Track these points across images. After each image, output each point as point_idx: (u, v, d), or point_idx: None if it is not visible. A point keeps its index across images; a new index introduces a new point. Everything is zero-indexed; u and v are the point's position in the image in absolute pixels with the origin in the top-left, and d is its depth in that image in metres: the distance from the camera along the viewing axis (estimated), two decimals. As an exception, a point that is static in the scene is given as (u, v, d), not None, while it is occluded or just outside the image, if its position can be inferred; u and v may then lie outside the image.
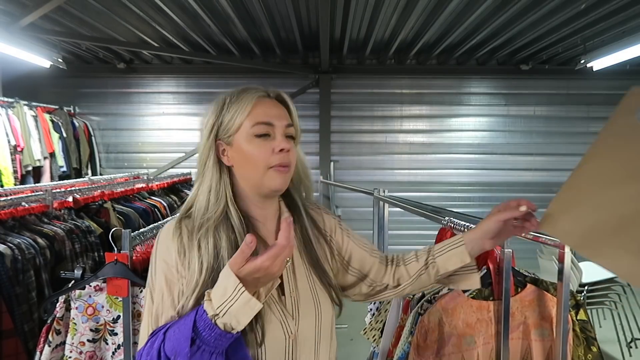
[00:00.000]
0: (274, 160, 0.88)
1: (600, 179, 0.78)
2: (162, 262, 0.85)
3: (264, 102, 0.91)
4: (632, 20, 3.84)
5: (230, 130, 0.89)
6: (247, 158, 0.88)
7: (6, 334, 1.81)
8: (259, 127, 0.88)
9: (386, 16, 4.00)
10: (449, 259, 0.99)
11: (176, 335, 0.74)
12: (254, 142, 0.88)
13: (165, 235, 0.87)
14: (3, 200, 2.23)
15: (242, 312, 0.73)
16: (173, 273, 0.84)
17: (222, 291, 0.73)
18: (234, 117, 0.89)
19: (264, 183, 0.89)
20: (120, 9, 3.79)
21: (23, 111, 4.42)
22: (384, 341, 1.51)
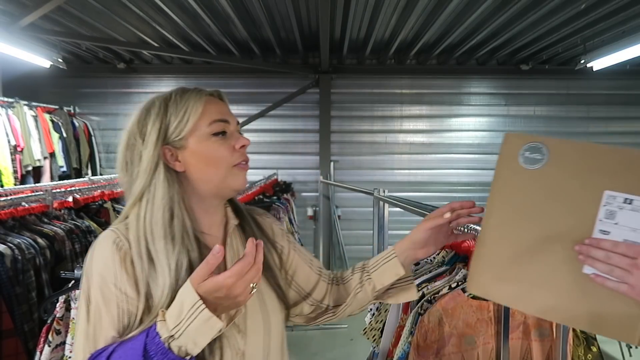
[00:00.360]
0: (236, 157, 0.86)
1: (505, 229, 0.81)
2: (99, 277, 0.75)
3: (212, 100, 0.87)
4: (632, 20, 3.84)
5: (182, 132, 0.83)
6: (207, 159, 0.84)
7: (6, 334, 1.81)
8: (216, 125, 0.85)
9: (386, 16, 4.00)
10: (383, 274, 0.96)
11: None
12: (212, 141, 0.84)
13: (103, 249, 0.77)
14: (3, 200, 2.23)
15: (200, 332, 0.67)
16: (111, 290, 0.75)
17: (179, 309, 0.67)
18: (185, 118, 0.83)
19: (227, 183, 0.85)
20: (120, 9, 3.79)
21: (23, 111, 4.41)
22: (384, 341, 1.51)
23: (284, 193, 4.44)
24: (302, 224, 5.54)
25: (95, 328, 0.74)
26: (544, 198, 0.78)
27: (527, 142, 0.80)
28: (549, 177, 0.78)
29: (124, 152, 0.85)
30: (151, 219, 0.79)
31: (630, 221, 0.71)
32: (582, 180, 0.75)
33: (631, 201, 0.71)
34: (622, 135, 5.74)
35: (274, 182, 4.86)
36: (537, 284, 0.78)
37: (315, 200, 5.82)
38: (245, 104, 5.64)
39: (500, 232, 0.81)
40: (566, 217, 0.76)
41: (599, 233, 0.72)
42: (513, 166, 0.81)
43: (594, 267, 0.71)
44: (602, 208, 0.73)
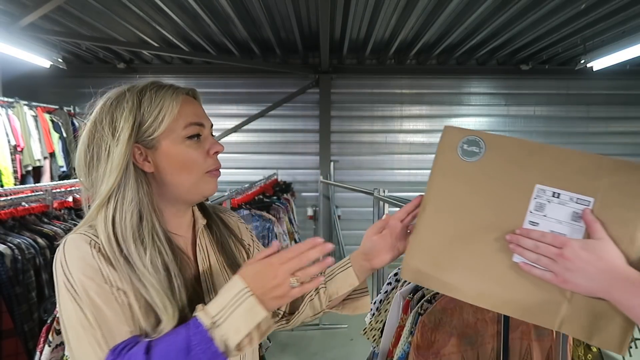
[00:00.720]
0: (209, 163, 0.82)
1: (441, 218, 0.84)
2: (86, 280, 0.70)
3: (188, 100, 0.83)
4: (632, 20, 3.84)
5: (155, 132, 0.78)
6: (179, 163, 0.80)
7: (6, 334, 1.81)
8: (191, 128, 0.80)
9: (386, 16, 4.00)
10: (337, 283, 0.95)
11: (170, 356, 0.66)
12: (186, 145, 0.80)
13: (78, 251, 0.72)
14: (3, 200, 2.23)
15: (243, 319, 0.67)
16: (105, 288, 0.71)
17: (222, 298, 0.68)
18: (160, 117, 0.78)
19: (198, 189, 0.82)
20: (120, 9, 3.79)
21: (23, 111, 4.41)
22: (384, 341, 1.51)
23: (284, 193, 4.44)
24: (302, 224, 5.54)
25: (104, 331, 0.69)
26: (480, 189, 0.82)
27: (465, 135, 0.84)
28: (485, 170, 0.82)
29: (88, 145, 0.78)
30: (120, 222, 0.74)
31: (557, 213, 0.76)
32: (516, 174, 0.80)
33: (559, 195, 0.76)
34: (622, 135, 5.74)
35: (274, 182, 4.86)
36: (469, 272, 0.81)
37: (315, 200, 5.82)
38: (245, 104, 5.64)
39: (436, 221, 0.84)
40: (499, 208, 0.80)
41: (528, 224, 0.77)
42: (451, 158, 0.84)
43: (523, 256, 0.76)
44: (532, 200, 0.78)
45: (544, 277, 0.74)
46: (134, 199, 0.76)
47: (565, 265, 0.71)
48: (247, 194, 3.49)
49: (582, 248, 0.71)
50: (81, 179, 0.81)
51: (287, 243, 3.33)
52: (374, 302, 1.75)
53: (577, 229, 0.75)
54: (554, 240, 0.73)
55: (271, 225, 3.06)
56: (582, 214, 0.74)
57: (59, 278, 0.71)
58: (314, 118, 5.72)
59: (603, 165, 0.75)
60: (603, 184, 0.74)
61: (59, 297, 0.72)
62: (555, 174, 0.77)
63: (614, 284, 0.68)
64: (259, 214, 3.09)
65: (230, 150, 5.69)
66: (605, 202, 0.74)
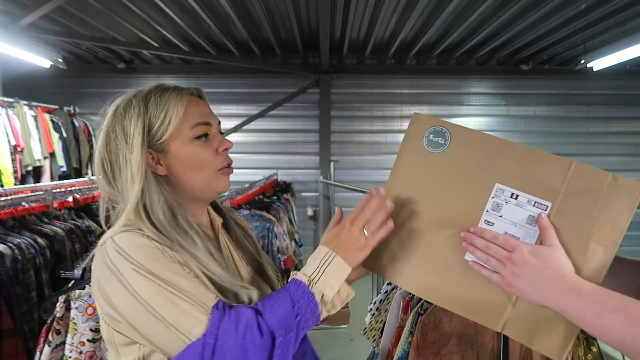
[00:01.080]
0: (220, 161, 0.85)
1: (401, 211, 0.83)
2: (155, 262, 0.71)
3: (193, 100, 0.85)
4: (632, 20, 3.84)
5: (163, 136, 0.80)
6: (191, 163, 0.82)
7: (6, 334, 1.82)
8: (199, 128, 0.82)
9: (386, 16, 4.00)
10: None
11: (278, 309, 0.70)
12: (194, 145, 0.82)
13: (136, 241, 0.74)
14: (3, 200, 2.23)
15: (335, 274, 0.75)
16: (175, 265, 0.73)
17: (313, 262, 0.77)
18: (166, 120, 0.80)
19: (211, 187, 0.85)
20: (120, 9, 3.79)
21: (23, 111, 4.41)
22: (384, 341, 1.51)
23: (283, 193, 4.44)
24: (302, 224, 5.53)
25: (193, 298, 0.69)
26: (441, 182, 0.80)
27: (433, 125, 0.82)
28: (448, 163, 0.80)
29: (104, 153, 0.81)
30: (157, 220, 0.77)
31: (513, 215, 0.74)
32: (478, 170, 0.78)
33: (517, 196, 0.74)
34: (622, 136, 5.74)
35: (274, 182, 4.86)
36: (422, 265, 0.81)
37: (315, 200, 5.82)
38: (245, 104, 5.64)
39: (395, 210, 0.83)
40: (458, 203, 0.78)
41: (484, 223, 0.76)
42: (417, 147, 0.83)
43: (474, 255, 0.75)
44: (490, 199, 0.76)
45: (491, 278, 0.74)
46: (161, 198, 0.79)
47: (511, 270, 0.70)
48: (247, 194, 3.49)
49: (530, 254, 0.70)
50: (101, 184, 0.84)
51: (287, 243, 3.33)
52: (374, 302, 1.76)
53: (531, 232, 0.73)
54: (505, 243, 0.72)
55: (271, 225, 3.06)
56: (537, 218, 0.73)
57: (123, 269, 0.70)
58: (314, 118, 5.72)
59: (569, 169, 0.73)
60: (563, 189, 0.72)
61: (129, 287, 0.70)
62: (517, 174, 0.75)
63: (559, 292, 0.67)
64: (259, 214, 3.09)
65: (230, 150, 5.68)
66: (562, 208, 0.72)
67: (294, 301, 0.72)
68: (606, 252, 0.70)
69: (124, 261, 0.71)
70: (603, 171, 0.72)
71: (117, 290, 0.71)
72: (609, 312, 0.62)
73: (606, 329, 0.62)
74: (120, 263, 0.71)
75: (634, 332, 0.60)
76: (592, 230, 0.70)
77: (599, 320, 0.63)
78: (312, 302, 0.73)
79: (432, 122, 0.82)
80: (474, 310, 0.77)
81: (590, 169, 0.72)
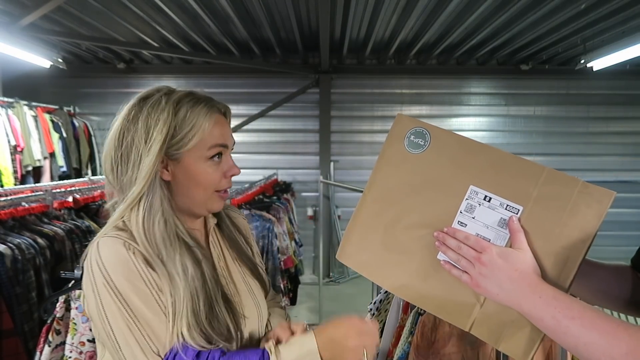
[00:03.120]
0: (223, 184, 0.86)
1: (379, 205, 0.85)
2: (127, 283, 0.73)
3: (220, 120, 0.85)
4: (632, 20, 3.84)
5: (182, 147, 0.80)
6: (197, 180, 0.83)
7: (6, 334, 1.81)
8: (215, 149, 0.84)
9: (386, 16, 4.00)
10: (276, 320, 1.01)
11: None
12: (207, 164, 0.83)
13: (116, 253, 0.74)
14: (3, 200, 2.23)
15: None
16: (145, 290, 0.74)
17: (294, 353, 0.74)
18: (190, 134, 0.80)
19: (206, 205, 0.86)
20: (120, 9, 3.79)
21: (23, 111, 4.41)
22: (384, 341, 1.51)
23: (284, 193, 4.44)
24: (302, 224, 5.53)
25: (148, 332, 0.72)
26: (418, 183, 0.82)
27: (414, 126, 0.84)
28: (426, 164, 0.82)
29: (117, 147, 0.80)
30: (149, 228, 0.77)
31: (485, 217, 0.76)
32: (454, 172, 0.79)
33: (490, 199, 0.76)
34: (622, 135, 5.74)
35: (274, 182, 4.86)
36: (396, 261, 0.82)
37: (315, 200, 5.82)
38: (245, 104, 5.64)
39: (374, 208, 0.85)
40: (434, 204, 0.80)
41: (457, 224, 0.78)
42: (398, 147, 0.84)
43: (446, 255, 0.77)
44: (464, 201, 0.78)
45: (460, 278, 0.75)
46: (160, 207, 0.78)
47: (480, 270, 0.72)
48: (247, 194, 3.49)
49: (499, 255, 0.71)
50: (109, 177, 0.83)
51: (287, 243, 3.33)
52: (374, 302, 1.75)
53: (502, 235, 0.75)
54: (476, 244, 0.73)
55: (271, 225, 3.06)
56: (508, 221, 0.74)
57: (97, 280, 0.73)
58: (314, 118, 5.72)
59: (542, 175, 0.74)
60: (535, 194, 0.74)
61: (98, 298, 0.73)
62: (491, 177, 0.77)
63: (522, 295, 0.69)
64: (259, 214, 3.08)
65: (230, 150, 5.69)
66: (532, 213, 0.73)
67: None
68: (574, 258, 0.71)
69: (99, 274, 0.73)
70: (574, 178, 0.72)
71: (90, 295, 0.74)
72: (566, 319, 0.64)
73: (562, 335, 0.64)
74: (97, 274, 0.73)
75: (587, 340, 0.61)
76: (561, 235, 0.72)
77: (557, 326, 0.64)
78: None
79: (414, 123, 0.84)
80: (443, 308, 0.79)
81: (562, 176, 0.73)
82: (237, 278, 0.91)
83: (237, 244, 0.96)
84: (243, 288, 0.91)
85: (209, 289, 0.79)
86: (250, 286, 0.93)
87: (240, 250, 0.96)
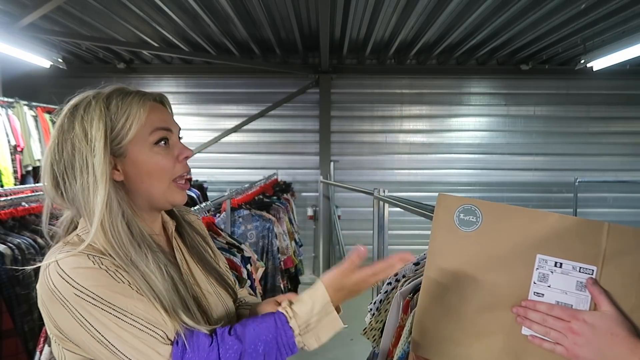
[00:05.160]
0: (178, 169, 0.82)
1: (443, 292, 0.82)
2: (101, 287, 0.69)
3: (155, 107, 0.82)
4: (632, 20, 3.84)
5: (123, 139, 0.77)
6: (148, 170, 0.79)
7: (6, 334, 1.81)
8: (158, 133, 0.80)
9: (386, 16, 4.00)
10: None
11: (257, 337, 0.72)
12: (153, 151, 0.79)
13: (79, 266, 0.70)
14: (3, 200, 2.23)
15: (325, 329, 0.75)
16: (122, 285, 0.71)
17: (310, 307, 0.74)
18: (127, 124, 0.76)
19: (167, 197, 0.82)
20: (120, 9, 3.79)
21: (23, 111, 4.41)
22: (384, 341, 1.50)
23: (284, 193, 4.44)
24: (302, 224, 5.53)
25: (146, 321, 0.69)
26: (481, 261, 0.80)
27: (461, 204, 0.82)
28: (484, 240, 0.80)
29: (58, 160, 0.75)
30: (114, 232, 0.73)
31: (561, 284, 0.74)
32: (516, 244, 0.78)
33: (561, 265, 0.75)
34: (622, 136, 5.74)
35: (274, 182, 4.86)
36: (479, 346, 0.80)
37: (315, 200, 5.82)
38: (245, 104, 5.64)
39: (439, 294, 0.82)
40: (503, 280, 0.78)
41: (534, 295, 0.76)
42: (449, 227, 0.82)
43: (531, 329, 0.74)
44: (535, 271, 0.76)
45: (554, 350, 0.73)
46: (119, 209, 0.75)
47: (574, 340, 0.70)
48: (247, 194, 3.49)
49: (591, 322, 0.69)
50: (51, 195, 0.78)
51: (287, 243, 3.33)
52: (374, 302, 1.76)
53: (583, 298, 0.73)
54: (562, 313, 0.71)
55: (271, 225, 3.06)
56: (586, 283, 0.73)
57: (65, 295, 0.68)
58: (314, 118, 5.72)
59: (603, 231, 0.74)
60: (604, 252, 0.73)
61: (72, 312, 0.68)
62: (556, 242, 0.76)
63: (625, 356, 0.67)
64: (259, 214, 3.08)
65: (230, 150, 5.69)
66: (606, 271, 0.73)
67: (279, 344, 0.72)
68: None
69: (67, 288, 0.68)
70: (636, 229, 0.73)
71: (62, 315, 0.69)
72: None
73: None
74: (63, 290, 0.68)
75: None
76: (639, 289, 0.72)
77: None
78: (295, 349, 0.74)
79: (460, 201, 0.83)
80: None
81: (626, 229, 0.73)
82: (202, 281, 0.89)
83: (197, 247, 0.94)
84: (209, 290, 0.88)
85: (181, 290, 0.77)
86: (216, 289, 0.91)
87: (203, 259, 0.93)
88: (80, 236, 0.77)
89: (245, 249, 2.12)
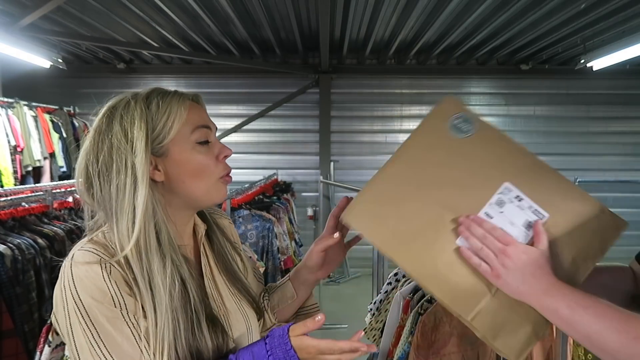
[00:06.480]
0: (221, 169, 0.81)
1: (404, 175, 0.84)
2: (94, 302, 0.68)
3: (193, 105, 0.81)
4: (632, 20, 3.84)
5: (165, 139, 0.76)
6: (192, 170, 0.78)
7: (6, 334, 1.82)
8: (200, 131, 0.79)
9: (386, 16, 4.00)
10: (277, 295, 1.00)
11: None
12: (197, 151, 0.78)
13: (87, 270, 0.69)
14: (3, 200, 2.23)
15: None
16: (114, 311, 0.69)
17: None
18: (169, 123, 0.76)
19: (210, 196, 0.81)
20: (120, 9, 3.79)
21: (23, 111, 4.41)
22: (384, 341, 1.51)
23: (284, 193, 4.44)
24: (302, 224, 5.53)
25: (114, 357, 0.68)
26: (453, 166, 0.83)
27: (462, 111, 0.86)
28: (466, 150, 0.83)
29: (94, 160, 0.75)
30: (145, 236, 0.72)
31: (512, 215, 0.78)
32: (492, 165, 0.82)
33: (521, 199, 0.79)
34: (622, 135, 5.74)
35: (274, 182, 4.86)
36: (409, 235, 0.81)
37: (315, 200, 5.82)
38: (245, 104, 5.64)
39: (398, 176, 0.84)
40: (465, 189, 0.81)
41: (483, 214, 0.79)
42: (440, 126, 0.86)
43: (468, 241, 0.77)
44: (496, 195, 0.80)
45: (479, 267, 0.76)
46: (153, 210, 0.74)
47: (503, 262, 0.73)
48: (247, 194, 3.49)
49: (524, 252, 0.73)
50: (84, 196, 0.78)
51: (287, 243, 3.33)
52: (374, 302, 1.76)
53: (524, 236, 0.77)
54: (502, 236, 0.75)
55: (271, 225, 3.06)
56: (533, 223, 0.77)
57: (67, 297, 0.69)
58: (314, 118, 5.72)
59: (572, 191, 0.80)
60: (562, 207, 0.79)
61: (67, 316, 0.69)
62: (528, 179, 0.80)
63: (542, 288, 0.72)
64: (259, 214, 3.08)
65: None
66: (555, 222, 0.78)
67: None
68: (583, 269, 0.78)
69: (69, 291, 0.69)
70: (597, 202, 0.79)
71: (60, 311, 0.71)
72: (580, 308, 0.68)
73: (575, 324, 0.68)
74: (67, 290, 0.69)
75: (598, 328, 0.66)
76: (577, 248, 0.78)
77: (571, 315, 0.68)
78: None
79: (463, 108, 0.86)
80: (449, 294, 0.78)
81: (587, 197, 0.80)
82: (226, 294, 0.87)
83: (224, 255, 0.91)
84: (232, 305, 0.87)
85: (190, 311, 0.75)
86: (240, 303, 0.89)
87: (230, 269, 0.91)
88: (105, 234, 0.76)
89: (246, 249, 2.12)
